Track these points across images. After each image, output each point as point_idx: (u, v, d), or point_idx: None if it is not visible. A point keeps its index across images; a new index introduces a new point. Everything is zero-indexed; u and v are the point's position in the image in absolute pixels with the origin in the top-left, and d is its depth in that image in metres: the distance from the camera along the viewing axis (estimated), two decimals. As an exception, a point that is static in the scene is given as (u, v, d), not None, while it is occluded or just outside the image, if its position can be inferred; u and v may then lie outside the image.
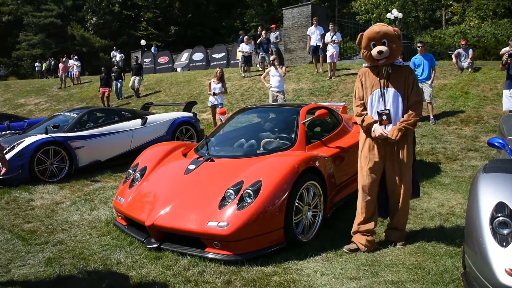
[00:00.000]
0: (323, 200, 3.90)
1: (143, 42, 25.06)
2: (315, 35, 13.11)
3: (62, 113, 7.99)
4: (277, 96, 9.27)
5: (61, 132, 6.75)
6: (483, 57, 16.00)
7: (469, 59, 11.25)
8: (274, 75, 9.24)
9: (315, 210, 3.86)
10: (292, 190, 3.49)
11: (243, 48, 14.70)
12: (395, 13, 18.39)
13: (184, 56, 22.40)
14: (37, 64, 27.77)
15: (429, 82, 8.63)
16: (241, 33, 16.29)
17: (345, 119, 5.35)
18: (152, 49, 25.03)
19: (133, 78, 15.06)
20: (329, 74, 12.52)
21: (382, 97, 3.51)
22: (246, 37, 15.18)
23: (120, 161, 7.30)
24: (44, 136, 6.47)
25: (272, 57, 9.94)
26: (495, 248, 2.26)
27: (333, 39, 12.33)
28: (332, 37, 12.39)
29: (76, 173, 6.71)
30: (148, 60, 23.82)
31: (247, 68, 14.90)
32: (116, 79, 15.31)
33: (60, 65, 20.32)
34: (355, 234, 3.62)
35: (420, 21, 26.58)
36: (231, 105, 11.82)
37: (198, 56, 21.56)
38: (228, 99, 12.05)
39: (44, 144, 6.37)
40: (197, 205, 3.58)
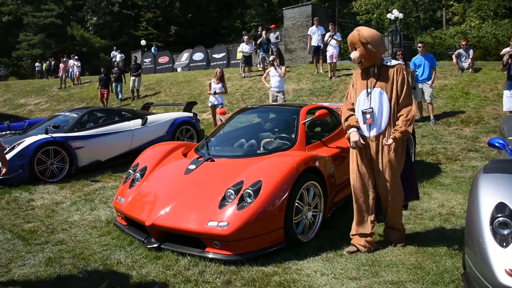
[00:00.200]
0: (323, 200, 3.90)
1: (143, 42, 25.06)
2: (316, 35, 13.10)
3: (62, 113, 7.99)
4: (277, 96, 9.27)
5: (61, 132, 6.76)
6: (483, 58, 15.99)
7: (469, 59, 11.25)
8: (274, 75, 9.25)
9: (315, 210, 3.86)
10: (292, 190, 3.49)
11: (243, 48, 14.70)
12: (395, 13, 18.38)
13: (184, 56, 22.40)
14: (37, 64, 27.78)
15: (429, 82, 8.64)
16: (244, 33, 16.31)
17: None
18: (152, 49, 25.04)
19: (132, 79, 14.97)
20: (329, 74, 12.53)
21: (368, 96, 3.51)
22: (246, 37, 15.18)
23: (120, 161, 7.30)
24: (44, 136, 6.47)
25: (272, 57, 9.94)
26: (495, 248, 2.27)
27: (332, 37, 12.34)
28: (332, 37, 12.39)
29: (76, 173, 6.72)
30: (148, 60, 23.82)
31: (247, 68, 14.90)
32: (116, 81, 15.16)
33: (61, 65, 20.33)
34: (354, 236, 3.62)
35: (420, 21, 26.58)
36: (231, 105, 11.82)
37: (198, 56, 21.57)
38: (228, 99, 12.05)
39: (44, 144, 6.37)
40: (197, 205, 3.58)
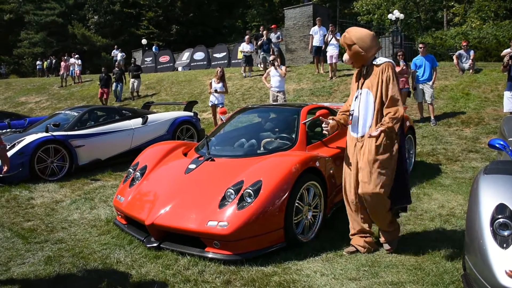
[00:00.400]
0: (323, 200, 3.89)
1: (144, 41, 25.06)
2: (318, 35, 13.08)
3: (62, 112, 7.99)
4: (277, 96, 9.26)
5: (61, 131, 6.75)
6: (484, 59, 15.97)
7: (470, 60, 11.25)
8: (274, 75, 9.24)
9: (315, 211, 3.86)
10: (292, 190, 3.48)
11: (244, 48, 14.69)
12: (396, 14, 18.34)
13: (185, 56, 22.40)
14: (38, 63, 27.81)
15: (430, 83, 8.64)
16: (247, 32, 16.30)
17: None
18: (153, 48, 25.03)
19: (132, 81, 14.84)
20: (330, 75, 12.52)
21: (356, 97, 3.51)
22: (247, 36, 15.17)
23: (121, 160, 7.30)
24: (45, 134, 6.47)
25: (272, 57, 9.94)
26: (495, 249, 2.26)
27: (333, 36, 12.34)
28: (334, 36, 12.39)
29: (77, 172, 6.72)
30: (149, 59, 23.83)
31: (248, 68, 14.90)
32: (116, 81, 15.05)
33: (62, 64, 20.34)
34: (353, 236, 3.60)
35: (421, 22, 26.55)
36: (231, 104, 11.81)
37: (199, 55, 21.56)
38: (229, 98, 12.05)
39: (45, 142, 6.37)
40: (197, 205, 3.58)
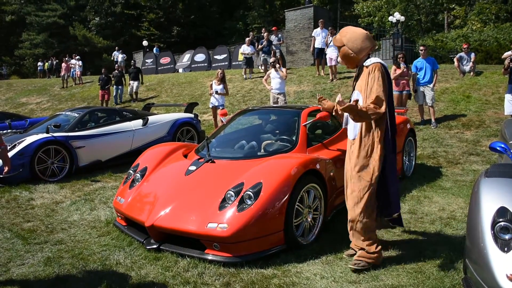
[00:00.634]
0: (323, 202, 3.88)
1: (145, 43, 25.09)
2: (321, 37, 13.07)
3: (63, 113, 8.00)
4: (278, 98, 9.26)
5: (62, 132, 6.76)
6: (485, 61, 15.98)
7: (471, 63, 11.25)
8: (275, 77, 9.25)
9: (316, 213, 3.85)
10: (292, 193, 3.48)
11: (245, 49, 14.71)
12: (397, 16, 18.36)
13: (186, 57, 22.42)
14: (39, 64, 27.84)
15: (431, 85, 8.64)
16: (250, 35, 16.31)
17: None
18: (154, 49, 25.06)
19: (131, 83, 14.79)
20: (330, 77, 12.53)
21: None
22: (247, 38, 15.18)
23: (121, 161, 7.30)
24: (45, 135, 6.47)
25: (272, 59, 9.94)
26: (496, 253, 2.25)
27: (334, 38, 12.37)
28: (331, 40, 12.40)
29: (77, 173, 6.72)
30: (150, 60, 23.84)
31: (249, 69, 14.91)
32: (116, 84, 14.96)
33: (63, 65, 20.37)
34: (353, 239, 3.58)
35: (422, 24, 26.57)
36: (232, 106, 11.82)
37: (200, 57, 21.58)
38: (229, 100, 12.05)
39: (45, 143, 6.37)
40: (197, 206, 3.57)
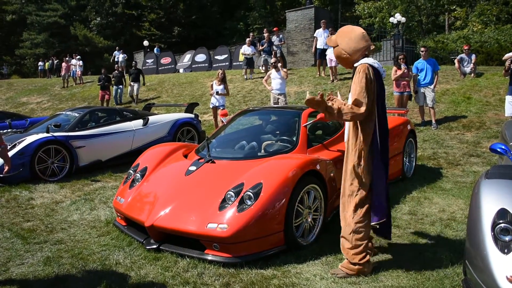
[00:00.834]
0: (323, 203, 3.88)
1: (146, 43, 25.11)
2: (323, 37, 13.05)
3: (63, 112, 8.00)
4: (278, 98, 9.26)
5: (62, 131, 6.76)
6: (486, 63, 15.96)
7: (471, 64, 11.24)
8: (275, 77, 9.24)
9: (316, 214, 3.84)
10: (292, 193, 3.47)
11: (245, 50, 14.71)
12: (398, 17, 18.33)
13: (187, 57, 22.43)
14: (40, 63, 27.88)
15: (431, 86, 8.64)
16: (250, 35, 16.32)
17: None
18: (155, 50, 25.08)
19: (131, 84, 14.69)
20: (331, 78, 12.53)
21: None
22: (248, 39, 15.19)
23: (121, 161, 7.30)
24: (46, 135, 6.48)
25: (273, 60, 9.94)
26: (496, 255, 2.24)
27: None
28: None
29: (77, 173, 6.72)
30: (151, 60, 23.86)
31: (249, 70, 14.91)
32: (116, 84, 14.87)
33: (63, 65, 20.38)
34: None
35: (423, 25, 26.54)
36: (233, 107, 11.81)
37: (200, 57, 21.59)
38: (230, 101, 12.05)
39: (45, 143, 6.37)
40: (197, 207, 3.57)
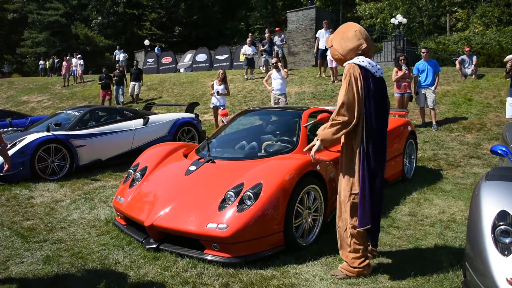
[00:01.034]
0: (323, 204, 3.88)
1: (146, 42, 25.12)
2: (324, 38, 13.05)
3: (64, 111, 8.00)
4: (279, 99, 9.26)
5: (62, 130, 6.75)
6: (487, 64, 15.95)
7: (473, 66, 11.24)
8: (276, 77, 9.24)
9: (315, 214, 3.84)
10: (292, 194, 3.47)
11: (246, 50, 14.71)
12: (399, 18, 18.33)
13: (188, 57, 22.44)
14: (41, 62, 27.89)
15: (432, 88, 8.63)
16: (250, 35, 16.31)
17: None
18: (156, 49, 25.08)
19: (132, 84, 14.71)
20: (331, 78, 12.53)
21: None
22: (249, 39, 15.18)
23: (121, 160, 7.29)
24: (46, 134, 6.48)
25: (274, 60, 9.94)
26: (496, 257, 2.24)
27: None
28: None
29: (77, 172, 6.72)
30: (152, 60, 23.86)
31: (250, 70, 14.90)
32: (117, 84, 14.83)
33: (64, 64, 20.37)
34: None
35: (424, 27, 26.52)
36: (233, 107, 11.81)
37: (201, 57, 21.59)
38: (230, 100, 12.05)
39: (46, 142, 6.37)
40: (196, 207, 3.57)
